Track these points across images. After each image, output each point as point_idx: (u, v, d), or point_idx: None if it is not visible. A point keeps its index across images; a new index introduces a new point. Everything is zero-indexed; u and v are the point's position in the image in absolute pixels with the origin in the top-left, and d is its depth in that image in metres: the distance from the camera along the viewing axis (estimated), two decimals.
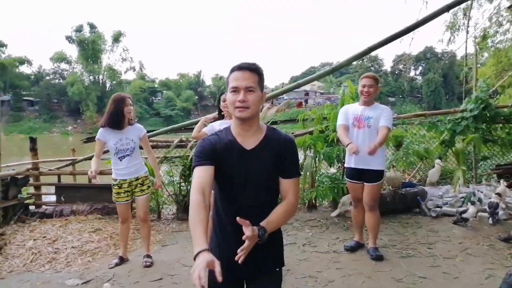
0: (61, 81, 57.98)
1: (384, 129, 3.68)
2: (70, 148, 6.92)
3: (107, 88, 58.16)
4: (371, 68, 63.17)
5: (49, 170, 6.22)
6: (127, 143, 3.81)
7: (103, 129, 3.79)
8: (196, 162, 1.73)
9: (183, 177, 5.57)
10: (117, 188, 3.86)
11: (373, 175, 3.77)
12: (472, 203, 4.82)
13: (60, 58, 56.87)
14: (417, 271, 3.54)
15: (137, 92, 54.69)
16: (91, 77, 57.27)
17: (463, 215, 4.61)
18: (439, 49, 67.47)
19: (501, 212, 4.70)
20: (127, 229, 4.08)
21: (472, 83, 7.76)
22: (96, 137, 3.82)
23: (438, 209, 5.09)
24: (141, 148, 4.07)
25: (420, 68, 70.80)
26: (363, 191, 3.88)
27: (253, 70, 1.70)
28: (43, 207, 5.89)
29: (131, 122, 3.91)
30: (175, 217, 5.68)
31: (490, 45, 13.30)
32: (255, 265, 1.75)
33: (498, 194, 4.70)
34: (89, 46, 54.88)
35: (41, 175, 6.08)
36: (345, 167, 4.18)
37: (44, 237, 4.78)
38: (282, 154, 1.75)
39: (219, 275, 1.40)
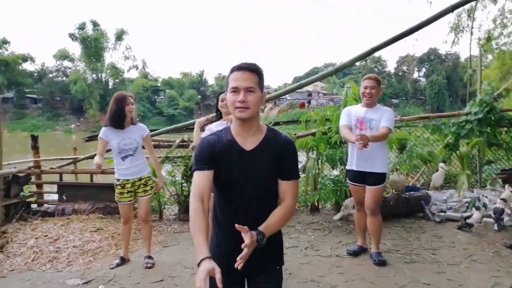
0: (64, 78, 57.87)
1: (384, 128, 3.63)
2: (72, 146, 6.90)
3: (110, 86, 58.08)
4: (375, 69, 63.04)
5: (51, 168, 6.20)
6: (130, 142, 3.78)
7: (105, 128, 3.77)
8: (195, 166, 1.76)
9: (185, 177, 5.54)
10: (120, 188, 3.84)
11: (375, 178, 3.73)
12: (477, 208, 4.77)
13: (63, 55, 56.85)
14: (421, 277, 3.50)
15: (139, 91, 54.65)
16: (94, 75, 57.17)
17: (468, 221, 4.57)
18: (443, 50, 67.52)
19: (506, 218, 4.65)
20: (129, 229, 4.06)
21: (477, 86, 7.72)
22: (99, 136, 3.79)
23: (442, 213, 5.04)
24: (144, 148, 4.05)
25: (424, 69, 70.64)
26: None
27: (253, 70, 1.71)
28: (45, 205, 5.88)
29: (134, 121, 3.88)
30: (176, 217, 5.65)
31: (495, 47, 13.25)
32: (255, 266, 1.75)
33: (504, 200, 4.66)
34: (92, 44, 54.78)
35: (42, 173, 6.05)
36: (347, 170, 4.13)
37: (45, 236, 4.76)
38: (282, 156, 1.76)
39: (219, 282, 1.45)
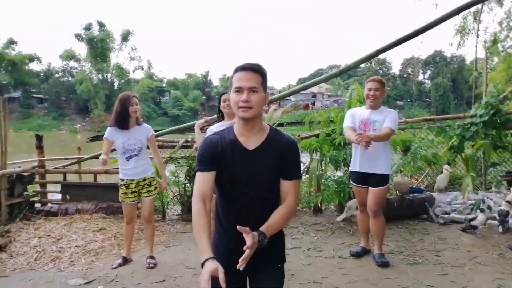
0: (70, 79, 58.25)
1: (386, 129, 3.61)
2: (76, 146, 6.92)
3: (115, 86, 58.34)
4: (379, 71, 62.81)
5: (55, 168, 6.22)
6: (134, 143, 3.79)
7: (111, 129, 3.79)
8: (197, 167, 1.78)
9: (188, 177, 5.54)
10: (124, 188, 3.84)
11: (378, 179, 3.70)
12: (482, 210, 4.73)
13: (69, 56, 57.17)
14: (424, 279, 3.47)
15: (145, 92, 54.89)
16: (99, 76, 57.46)
17: (472, 223, 4.53)
18: (448, 53, 67.12)
19: (511, 221, 4.61)
20: (132, 229, 4.06)
21: (482, 88, 7.66)
22: (104, 136, 3.81)
23: (446, 215, 5.01)
24: (148, 148, 4.06)
25: (429, 72, 70.33)
26: None
27: (257, 70, 1.72)
28: (49, 205, 5.90)
29: (139, 122, 3.90)
30: (179, 218, 5.65)
31: (501, 49, 13.17)
32: (256, 266, 1.76)
33: (508, 202, 4.62)
34: (98, 45, 55.05)
35: (46, 173, 6.08)
36: (350, 171, 4.11)
37: (48, 235, 4.78)
38: (284, 156, 1.77)
39: (222, 281, 1.48)
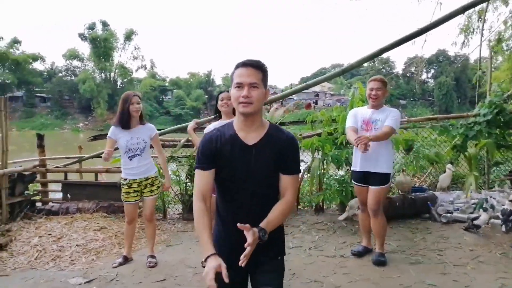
0: (73, 78, 58.44)
1: (386, 127, 3.59)
2: (78, 145, 6.92)
3: (118, 86, 58.49)
4: (382, 70, 62.71)
5: (56, 167, 6.22)
6: (137, 142, 3.79)
7: (114, 128, 3.79)
8: (197, 164, 1.82)
9: (189, 176, 5.53)
10: (126, 187, 3.84)
11: (379, 178, 3.68)
12: (484, 209, 4.70)
13: (72, 55, 57.34)
14: (426, 278, 3.44)
15: (147, 91, 55.00)
16: (102, 75, 57.60)
17: (475, 222, 4.50)
18: (452, 52, 66.94)
19: None
20: (133, 229, 4.06)
21: (486, 87, 7.60)
22: (108, 136, 3.81)
23: (448, 215, 4.97)
24: (152, 147, 4.06)
25: (432, 71, 70.13)
26: None
27: (257, 67, 1.73)
28: (50, 204, 5.90)
29: (143, 121, 3.89)
30: (180, 217, 5.64)
31: (505, 49, 13.07)
32: (257, 261, 1.79)
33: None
34: (101, 44, 55.18)
35: (48, 172, 6.08)
36: (352, 170, 4.09)
37: (49, 234, 4.77)
38: (283, 152, 1.78)
39: (225, 277, 1.55)
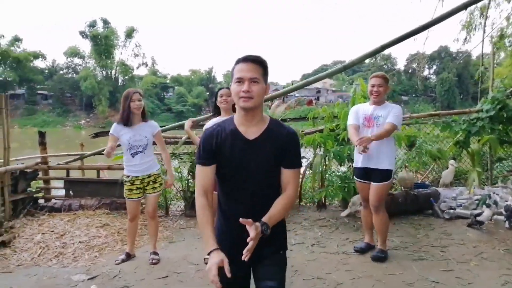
0: (74, 75, 58.52)
1: (388, 124, 3.58)
2: (79, 143, 6.93)
3: (119, 83, 58.51)
4: (384, 66, 62.46)
5: (58, 164, 6.23)
6: (140, 139, 3.79)
7: (116, 125, 3.80)
8: (198, 160, 1.85)
9: (191, 173, 5.52)
10: (129, 184, 3.84)
11: (380, 174, 3.67)
12: (488, 205, 4.69)
13: (73, 52, 57.35)
14: (429, 275, 3.44)
15: (148, 88, 55.02)
16: (103, 72, 57.61)
17: (478, 218, 4.49)
18: (454, 48, 66.72)
19: None
20: (135, 226, 4.05)
21: (488, 83, 7.56)
22: (110, 132, 3.81)
23: (451, 211, 4.96)
24: (155, 144, 4.05)
25: (434, 67, 69.88)
26: None
27: (258, 62, 1.74)
28: (52, 201, 5.90)
29: (145, 119, 3.89)
30: (183, 213, 5.64)
31: (508, 45, 13.00)
32: (260, 256, 1.80)
33: None
34: (102, 41, 55.13)
35: (50, 169, 6.09)
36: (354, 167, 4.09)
37: (52, 231, 4.78)
38: (284, 146, 1.80)
39: (228, 272, 1.60)
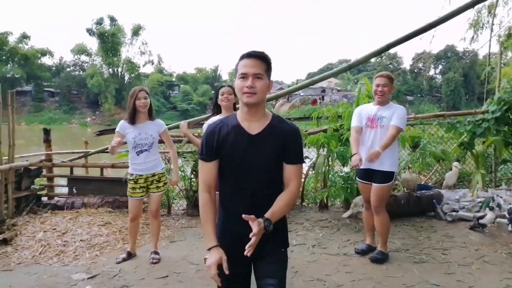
0: (81, 73, 58.87)
1: (393, 129, 3.57)
2: (84, 140, 6.96)
3: (125, 81, 58.67)
4: (390, 65, 62.18)
5: (62, 162, 6.25)
6: (145, 138, 3.79)
7: (123, 122, 3.81)
8: (201, 156, 1.87)
9: (194, 172, 5.52)
10: (132, 183, 3.84)
11: (382, 176, 3.67)
12: (491, 208, 4.65)
13: (80, 50, 57.61)
14: (430, 278, 3.41)
15: (154, 86, 55.10)
16: (110, 70, 57.76)
17: (481, 221, 4.45)
18: (460, 47, 66.24)
19: None
20: (136, 226, 4.04)
21: (495, 84, 7.49)
22: (116, 130, 3.82)
23: (454, 213, 4.92)
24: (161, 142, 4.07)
25: (440, 66, 69.44)
26: None
27: (262, 58, 1.76)
28: (55, 198, 5.93)
29: (152, 117, 3.89)
30: (185, 212, 5.64)
31: None
32: (261, 251, 1.80)
33: None
34: (109, 39, 55.27)
35: (54, 166, 6.11)
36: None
37: (54, 229, 4.80)
38: (286, 141, 1.81)
39: (226, 270, 1.69)
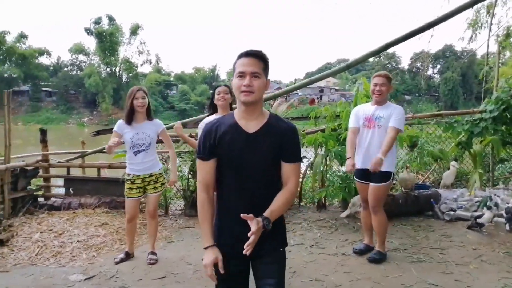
0: (79, 72, 58.74)
1: (391, 130, 3.54)
2: (80, 141, 6.93)
3: (123, 80, 58.61)
4: (388, 65, 62.24)
5: (59, 162, 6.23)
6: (143, 138, 3.77)
7: (121, 122, 3.79)
8: (198, 155, 1.86)
9: (191, 172, 5.51)
10: (129, 183, 3.82)
11: (379, 176, 3.63)
12: (488, 207, 4.64)
13: (78, 49, 57.55)
14: (428, 277, 3.41)
15: (152, 86, 55.02)
16: (108, 69, 57.72)
17: (478, 220, 4.45)
18: (458, 47, 66.31)
19: None
20: (133, 226, 4.03)
21: (493, 83, 7.49)
22: (113, 129, 3.81)
23: (452, 212, 4.91)
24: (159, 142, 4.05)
25: (438, 66, 69.52)
26: None
27: (259, 57, 1.76)
28: (52, 199, 5.91)
29: (150, 117, 3.87)
30: (182, 213, 5.63)
31: None
32: (260, 250, 1.79)
33: None
34: (107, 38, 55.20)
35: (50, 167, 6.08)
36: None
37: (50, 230, 4.78)
38: (284, 140, 1.81)
39: (221, 269, 1.74)
